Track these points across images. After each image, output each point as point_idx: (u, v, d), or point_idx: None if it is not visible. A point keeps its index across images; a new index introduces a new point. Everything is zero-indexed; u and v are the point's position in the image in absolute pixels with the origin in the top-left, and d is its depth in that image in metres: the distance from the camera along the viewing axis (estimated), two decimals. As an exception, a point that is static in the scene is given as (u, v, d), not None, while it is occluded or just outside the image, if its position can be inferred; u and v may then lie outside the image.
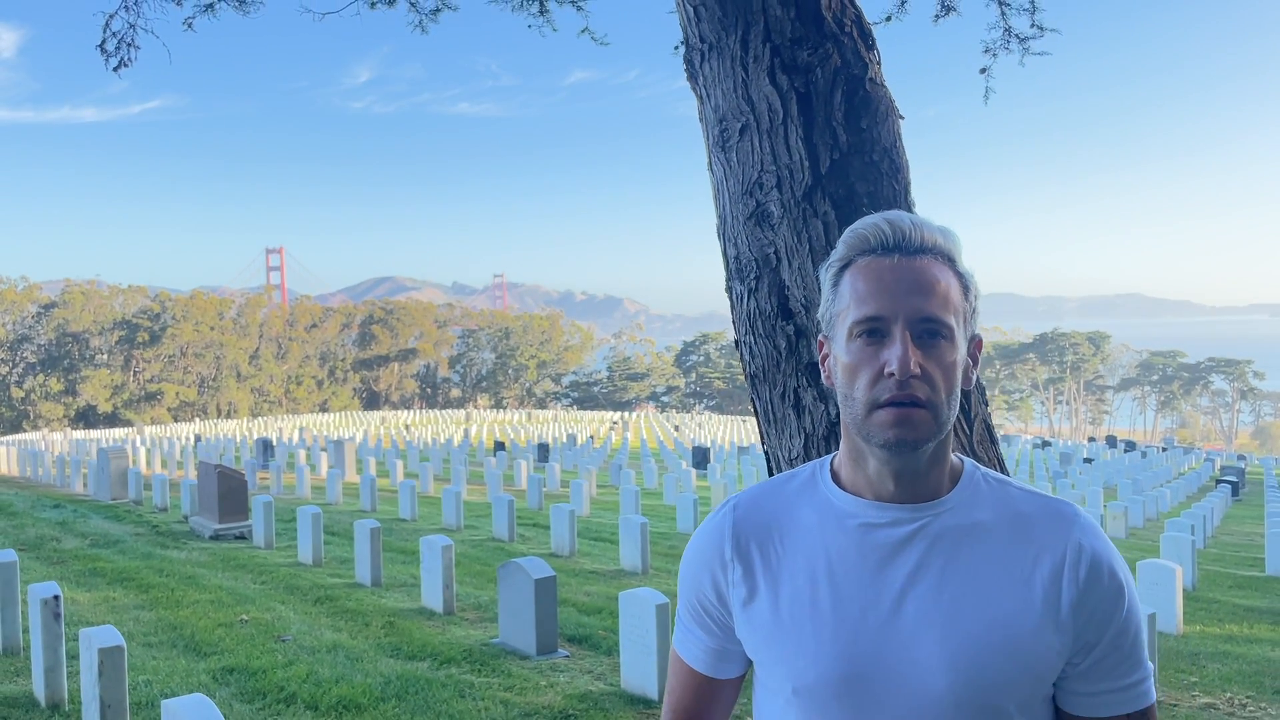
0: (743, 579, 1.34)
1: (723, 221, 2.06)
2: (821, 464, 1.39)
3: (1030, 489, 1.35)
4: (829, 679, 1.25)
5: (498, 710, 5.92)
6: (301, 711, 5.80)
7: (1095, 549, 1.26)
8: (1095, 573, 1.24)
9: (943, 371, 1.21)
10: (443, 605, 8.70)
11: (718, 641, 1.41)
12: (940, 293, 1.22)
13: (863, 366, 1.22)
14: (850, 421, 1.26)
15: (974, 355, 1.32)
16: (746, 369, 2.00)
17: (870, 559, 1.27)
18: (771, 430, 1.93)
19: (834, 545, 1.29)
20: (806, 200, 1.87)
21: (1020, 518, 1.28)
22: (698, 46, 2.09)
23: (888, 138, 1.93)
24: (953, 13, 4.14)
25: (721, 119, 2.03)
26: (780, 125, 1.91)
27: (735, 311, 2.02)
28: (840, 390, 1.27)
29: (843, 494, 1.31)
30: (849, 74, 1.93)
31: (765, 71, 1.94)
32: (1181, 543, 12.56)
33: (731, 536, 1.36)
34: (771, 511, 1.36)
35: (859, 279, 1.25)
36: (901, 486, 1.27)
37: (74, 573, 10.21)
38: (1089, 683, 1.26)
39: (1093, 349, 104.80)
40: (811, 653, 1.26)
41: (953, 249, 1.28)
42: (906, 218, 1.27)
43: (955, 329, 1.23)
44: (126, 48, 4.60)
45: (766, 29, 1.96)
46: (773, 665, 1.31)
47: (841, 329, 1.26)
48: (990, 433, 1.90)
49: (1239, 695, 7.13)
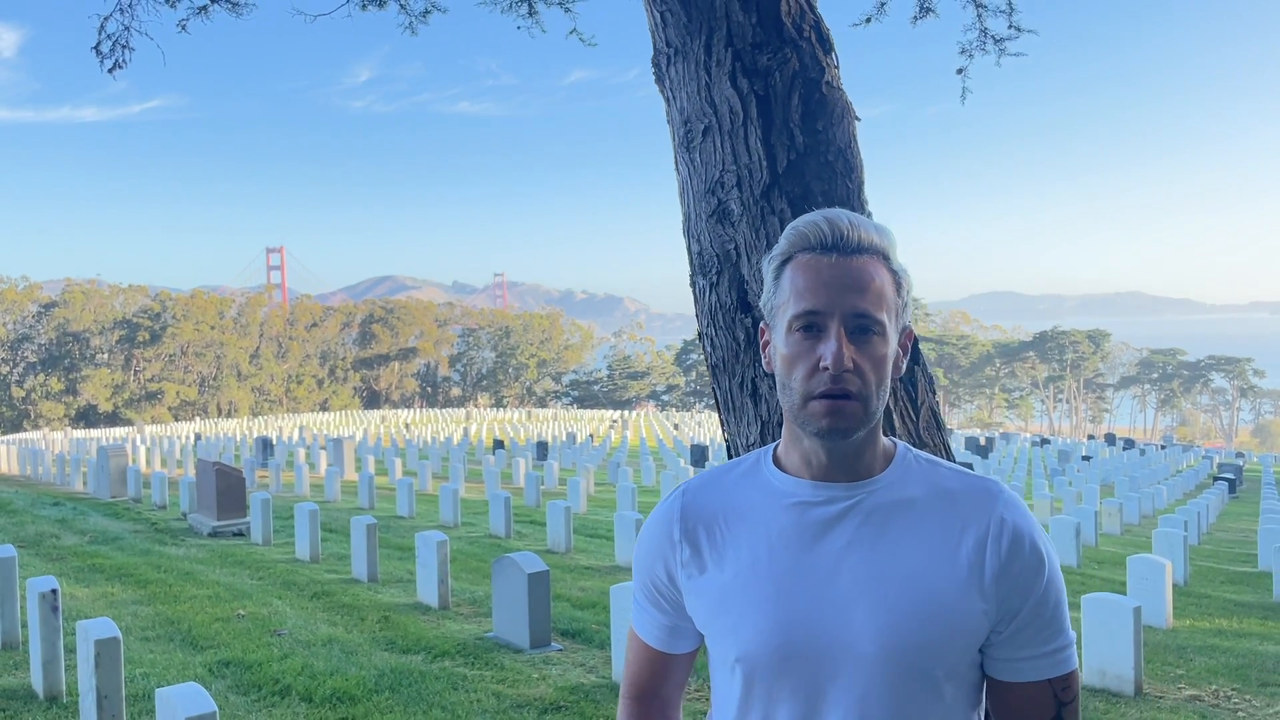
0: (691, 559, 1.42)
1: (687, 219, 2.14)
2: (766, 450, 1.47)
3: (959, 469, 1.43)
4: (768, 647, 1.33)
5: (489, 702, 6.01)
6: (296, 703, 5.89)
7: (1017, 523, 1.34)
8: (1017, 545, 1.32)
9: (874, 365, 1.30)
10: (438, 600, 8.79)
11: (670, 619, 1.49)
12: (874, 290, 1.30)
13: (800, 359, 1.30)
14: (787, 409, 1.34)
15: (904, 346, 1.41)
16: (708, 360, 2.09)
17: (807, 534, 1.35)
18: (731, 418, 2.01)
19: (774, 523, 1.37)
20: (764, 199, 1.96)
21: (947, 494, 1.36)
22: (664, 51, 2.18)
23: (843, 139, 2.01)
24: (930, 14, 4.21)
25: (686, 120, 2.11)
26: (741, 126, 2.00)
27: (698, 305, 2.10)
28: (779, 379, 1.35)
29: (783, 476, 1.39)
30: (806, 77, 2.01)
31: (727, 75, 2.02)
32: (1173, 538, 12.64)
33: (680, 520, 1.44)
34: (718, 495, 1.45)
35: (798, 275, 1.33)
36: (836, 468, 1.35)
37: (73, 569, 10.30)
38: (1012, 649, 1.34)
39: (1093, 347, 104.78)
40: (753, 624, 1.34)
41: (888, 247, 1.36)
42: (845, 217, 1.35)
43: (887, 324, 1.31)
44: (121, 49, 4.68)
45: (729, 34, 2.04)
46: (719, 637, 1.40)
47: (781, 321, 1.34)
48: (936, 419, 1.99)
49: (1224, 688, 7.20)
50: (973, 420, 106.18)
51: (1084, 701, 6.60)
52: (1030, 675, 1.34)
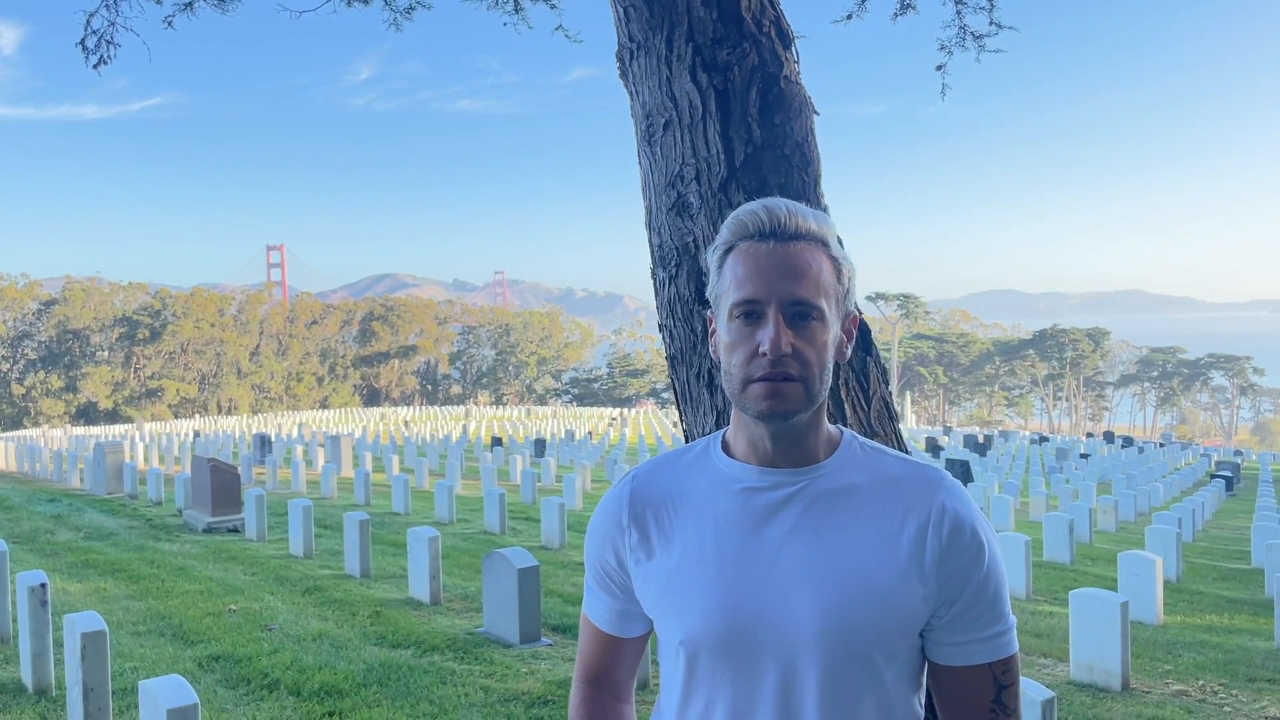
0: (639, 543, 1.45)
1: (649, 212, 2.17)
2: (715, 437, 1.49)
3: (904, 457, 1.46)
4: (712, 630, 1.35)
5: (477, 696, 6.03)
6: (284, 697, 5.91)
7: (958, 510, 1.36)
8: (957, 531, 1.34)
9: (814, 350, 1.32)
10: (429, 596, 8.81)
11: (620, 603, 1.52)
12: (811, 277, 1.33)
13: (740, 345, 1.33)
14: (730, 394, 1.36)
15: (848, 332, 1.43)
16: (667, 351, 2.11)
17: (752, 519, 1.37)
18: (688, 408, 2.04)
19: (720, 509, 1.40)
20: (722, 191, 1.98)
21: (891, 481, 1.39)
22: (627, 46, 2.20)
23: (800, 133, 2.03)
24: (911, 10, 4.23)
25: (648, 114, 2.14)
26: (700, 120, 2.02)
27: (658, 298, 2.13)
28: (722, 366, 1.37)
29: (731, 462, 1.42)
30: (765, 72, 2.04)
31: (687, 70, 2.05)
32: (1166, 535, 12.66)
33: (628, 505, 1.47)
34: (666, 481, 1.47)
35: (738, 263, 1.35)
36: (781, 453, 1.37)
37: (66, 564, 10.33)
38: (952, 633, 1.36)
39: (1092, 345, 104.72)
40: (698, 607, 1.37)
41: (827, 234, 1.38)
42: (783, 205, 1.37)
43: (826, 310, 1.34)
44: (106, 45, 4.70)
45: (690, 29, 2.06)
46: (664, 620, 1.42)
47: (723, 310, 1.36)
48: (889, 409, 2.01)
49: (1212, 683, 7.23)
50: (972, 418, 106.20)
51: (1070, 696, 6.62)
52: (970, 659, 1.37)
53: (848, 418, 1.91)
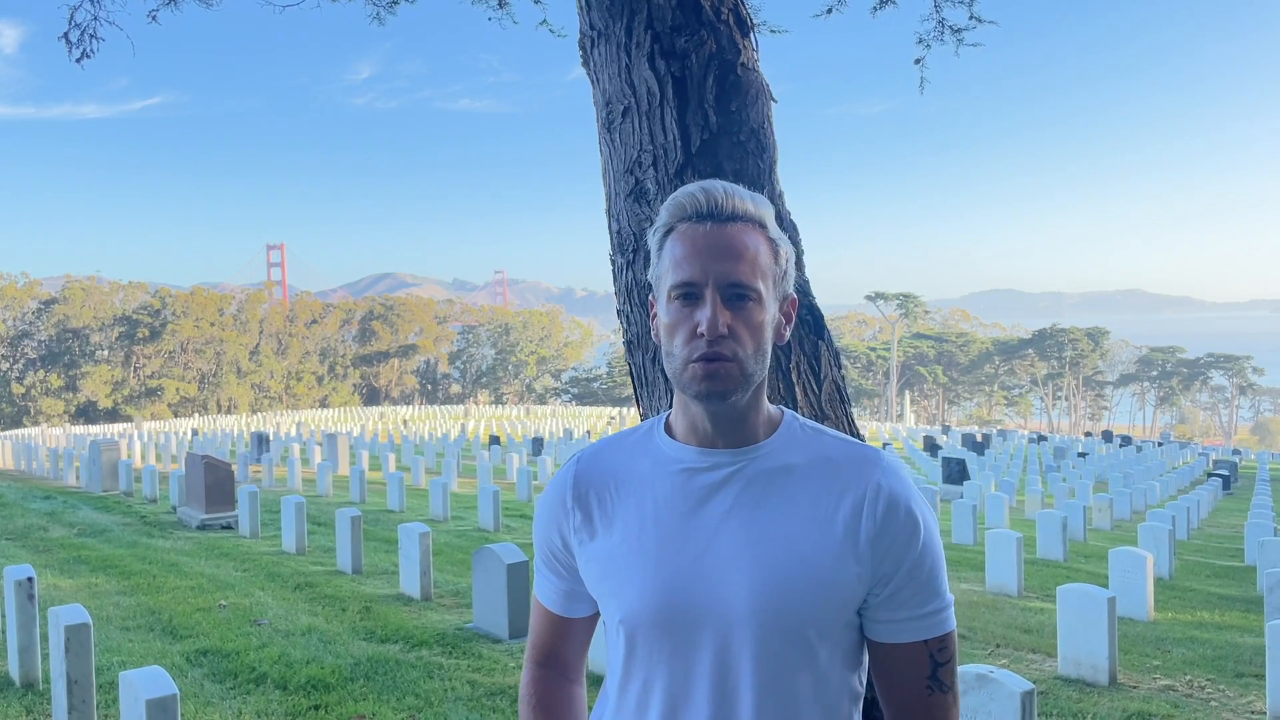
0: (583, 524, 1.46)
1: (608, 199, 2.18)
2: (659, 418, 1.51)
3: (844, 437, 1.47)
4: (648, 610, 1.37)
5: (464, 690, 6.05)
6: (270, 691, 5.93)
7: (893, 488, 1.37)
8: (892, 509, 1.35)
9: (750, 330, 1.33)
10: (420, 591, 8.83)
11: (567, 584, 1.53)
12: (749, 258, 1.34)
13: (679, 326, 1.34)
14: (671, 376, 1.38)
15: (787, 314, 1.44)
16: (625, 336, 2.13)
17: (690, 500, 1.39)
18: (644, 392, 2.06)
19: (661, 489, 1.41)
20: (678, 178, 2.00)
21: (828, 461, 1.40)
22: (588, 33, 2.22)
23: (756, 119, 2.05)
24: (890, 4, 4.24)
25: (608, 102, 2.15)
26: (658, 107, 2.04)
27: (616, 283, 2.14)
28: (663, 348, 1.39)
29: (673, 443, 1.43)
30: (722, 59, 2.05)
31: (646, 57, 2.06)
32: (1159, 532, 12.68)
33: (572, 487, 1.48)
34: (611, 462, 1.48)
35: (677, 245, 1.36)
36: (721, 433, 1.38)
37: (58, 560, 10.35)
38: (889, 611, 1.37)
39: (1092, 345, 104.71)
40: (637, 587, 1.38)
41: (764, 214, 1.40)
42: (721, 187, 1.39)
43: (764, 291, 1.35)
44: (89, 39, 4.71)
45: (649, 17, 2.08)
46: (606, 599, 1.44)
47: (663, 292, 1.38)
48: (840, 393, 2.03)
49: (1199, 678, 7.24)
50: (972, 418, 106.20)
51: (1056, 691, 6.64)
52: (906, 636, 1.38)
53: (798, 400, 1.93)
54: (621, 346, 28.77)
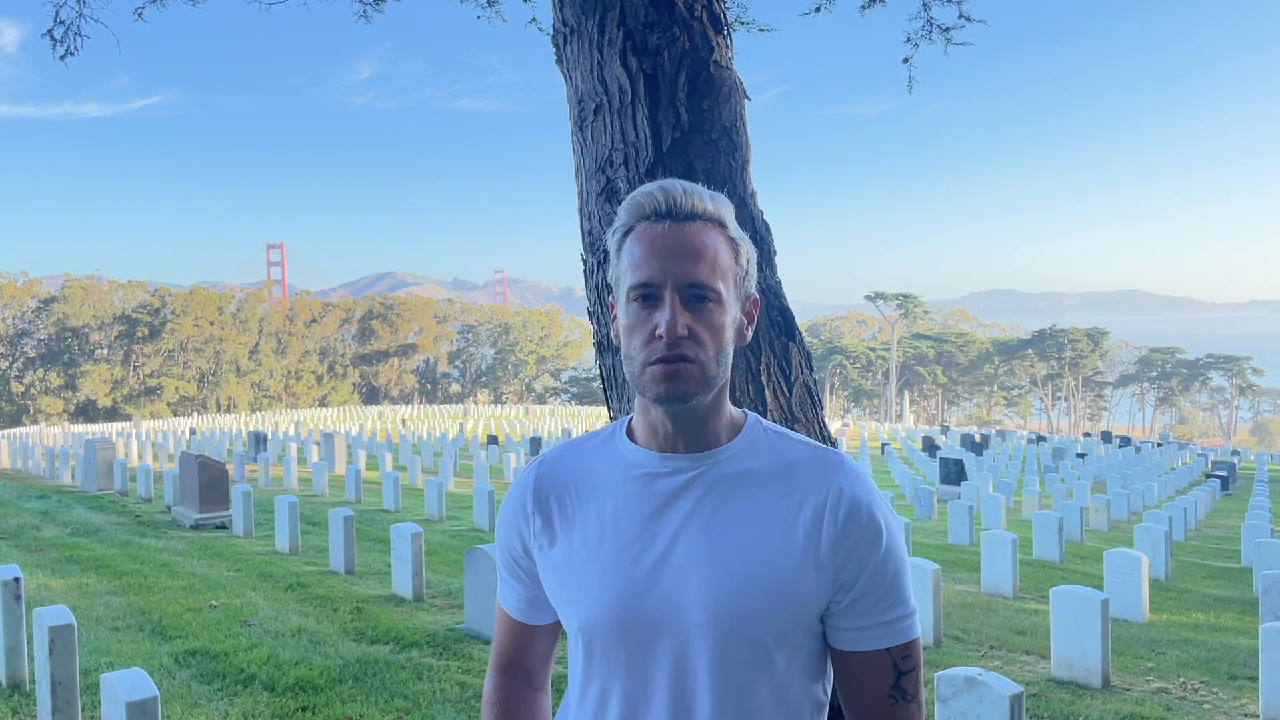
0: (543, 529, 1.44)
1: (580, 198, 2.16)
2: (621, 422, 1.48)
3: (807, 441, 1.44)
4: (606, 617, 1.34)
5: (454, 691, 6.02)
6: (258, 692, 5.90)
7: (855, 492, 1.34)
8: (854, 515, 1.32)
9: (710, 332, 1.30)
10: (412, 592, 8.80)
11: (529, 590, 1.50)
12: (708, 258, 1.31)
13: (638, 328, 1.31)
14: (630, 379, 1.35)
15: (749, 314, 1.41)
16: (595, 337, 2.10)
17: (650, 505, 1.36)
18: (613, 393, 2.03)
19: (620, 494, 1.38)
20: (649, 176, 1.97)
21: (790, 465, 1.37)
22: (561, 30, 2.19)
23: (729, 117, 2.02)
24: (879, 3, 4.21)
25: (580, 100, 2.12)
26: (629, 105, 2.01)
27: (587, 283, 2.11)
28: (623, 350, 1.36)
29: (633, 447, 1.40)
30: (695, 57, 2.02)
31: (618, 54, 2.03)
32: (1155, 534, 12.65)
33: (533, 491, 1.45)
34: (572, 466, 1.46)
35: (635, 245, 1.34)
36: (682, 436, 1.36)
37: (50, 560, 10.32)
38: (851, 618, 1.34)
39: (1091, 345, 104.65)
40: (596, 594, 1.35)
41: (723, 214, 1.37)
42: (680, 186, 1.36)
43: (724, 292, 1.32)
44: (74, 37, 4.69)
45: (622, 14, 2.05)
46: (564, 606, 1.41)
47: (622, 293, 1.35)
48: (810, 395, 1.99)
49: (1193, 680, 7.21)
50: (971, 418, 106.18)
51: (1049, 693, 6.61)
52: (869, 644, 1.35)
53: (769, 403, 1.90)
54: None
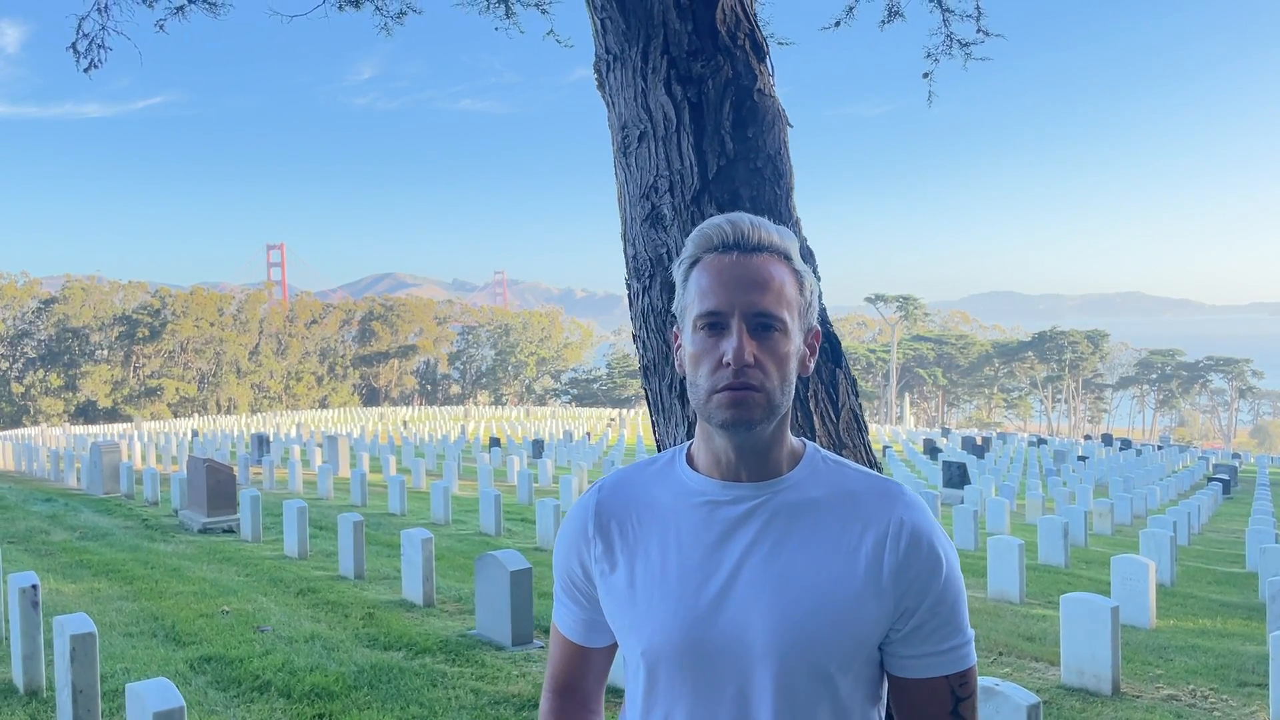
0: (604, 554, 1.46)
1: (624, 223, 2.19)
2: (680, 449, 1.51)
3: (866, 470, 1.47)
4: (670, 643, 1.37)
5: (468, 698, 6.04)
6: (274, 699, 5.93)
7: (916, 523, 1.37)
8: (915, 545, 1.36)
9: (776, 361, 1.33)
10: (422, 597, 8.83)
11: (587, 613, 1.53)
12: (774, 289, 1.34)
13: (704, 356, 1.34)
14: (695, 405, 1.38)
15: (811, 345, 1.44)
16: (640, 362, 2.13)
17: (713, 533, 1.39)
18: (660, 418, 2.06)
19: (684, 522, 1.41)
20: (695, 204, 2.00)
21: (850, 495, 1.40)
22: (604, 57, 2.22)
23: (773, 145, 2.05)
24: (899, 17, 4.25)
25: (624, 126, 2.15)
26: (674, 133, 2.04)
27: (632, 308, 2.14)
28: (687, 377, 1.39)
29: (695, 475, 1.43)
30: (739, 85, 2.05)
31: (662, 82, 2.06)
32: (1160, 539, 12.67)
33: (594, 516, 1.48)
34: (632, 492, 1.48)
35: (703, 275, 1.37)
36: (745, 465, 1.38)
37: (61, 564, 10.34)
38: (910, 646, 1.37)
39: (1091, 347, 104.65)
40: (658, 620, 1.38)
41: (789, 247, 1.40)
42: (747, 219, 1.39)
43: (789, 322, 1.35)
44: (97, 49, 4.72)
45: (665, 42, 2.08)
46: (625, 632, 1.44)
47: (688, 321, 1.38)
48: (858, 421, 2.03)
49: (1202, 687, 7.23)
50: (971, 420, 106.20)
51: (1060, 700, 6.64)
52: (928, 672, 1.38)
53: (816, 429, 1.93)
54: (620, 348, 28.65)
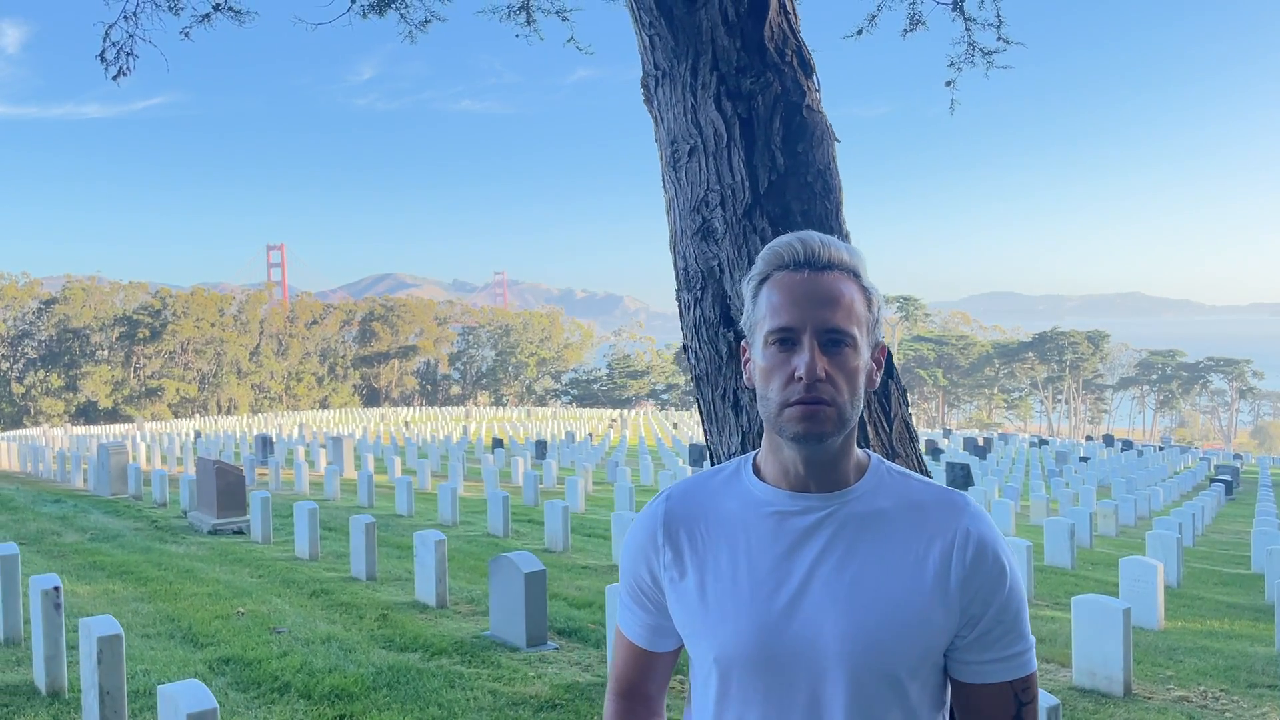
0: (673, 562, 1.51)
1: (673, 236, 2.23)
2: (745, 459, 1.55)
3: (929, 481, 1.52)
4: (744, 649, 1.41)
5: (486, 700, 6.09)
6: (295, 700, 5.97)
7: (981, 533, 1.42)
8: (980, 555, 1.40)
9: (846, 376, 1.38)
10: (435, 599, 8.87)
11: (654, 618, 1.57)
12: (844, 305, 1.39)
13: (776, 371, 1.39)
14: (766, 418, 1.42)
15: (878, 360, 1.49)
16: (692, 372, 2.17)
17: (783, 543, 1.43)
18: (714, 428, 2.10)
19: (753, 531, 1.46)
20: (747, 218, 2.04)
21: (916, 506, 1.45)
22: (652, 73, 2.26)
23: (822, 160, 2.09)
24: (920, 26, 4.29)
25: (673, 141, 2.20)
26: (724, 148, 2.08)
27: (683, 319, 2.19)
28: (758, 391, 1.43)
29: (762, 485, 1.47)
30: (788, 101, 2.10)
31: (712, 98, 2.11)
32: (1167, 540, 12.71)
33: (663, 524, 1.52)
34: (699, 501, 1.53)
35: (774, 292, 1.41)
36: (814, 476, 1.43)
37: (74, 566, 10.39)
38: (975, 653, 1.42)
39: (1092, 348, 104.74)
40: (731, 627, 1.43)
41: (858, 265, 1.45)
42: (817, 237, 1.44)
43: (858, 338, 1.40)
44: (126, 57, 4.76)
45: (714, 58, 2.12)
46: (698, 639, 1.48)
47: (759, 337, 1.42)
48: (909, 431, 2.07)
49: (1213, 689, 7.27)
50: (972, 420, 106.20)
51: (1073, 701, 6.68)
52: (992, 677, 1.42)
53: (870, 439, 1.97)
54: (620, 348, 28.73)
